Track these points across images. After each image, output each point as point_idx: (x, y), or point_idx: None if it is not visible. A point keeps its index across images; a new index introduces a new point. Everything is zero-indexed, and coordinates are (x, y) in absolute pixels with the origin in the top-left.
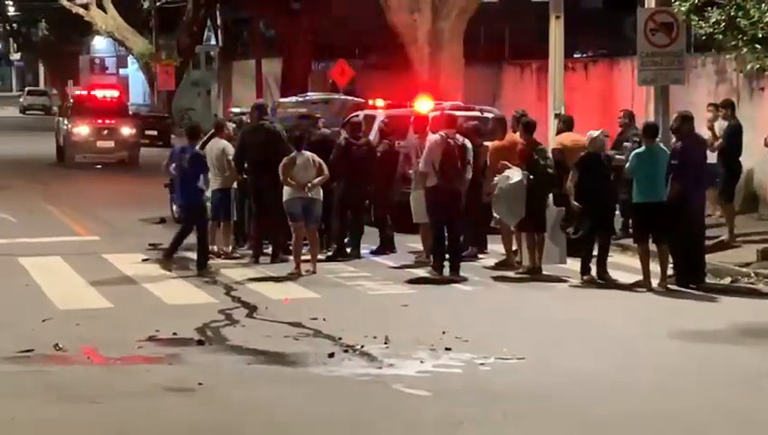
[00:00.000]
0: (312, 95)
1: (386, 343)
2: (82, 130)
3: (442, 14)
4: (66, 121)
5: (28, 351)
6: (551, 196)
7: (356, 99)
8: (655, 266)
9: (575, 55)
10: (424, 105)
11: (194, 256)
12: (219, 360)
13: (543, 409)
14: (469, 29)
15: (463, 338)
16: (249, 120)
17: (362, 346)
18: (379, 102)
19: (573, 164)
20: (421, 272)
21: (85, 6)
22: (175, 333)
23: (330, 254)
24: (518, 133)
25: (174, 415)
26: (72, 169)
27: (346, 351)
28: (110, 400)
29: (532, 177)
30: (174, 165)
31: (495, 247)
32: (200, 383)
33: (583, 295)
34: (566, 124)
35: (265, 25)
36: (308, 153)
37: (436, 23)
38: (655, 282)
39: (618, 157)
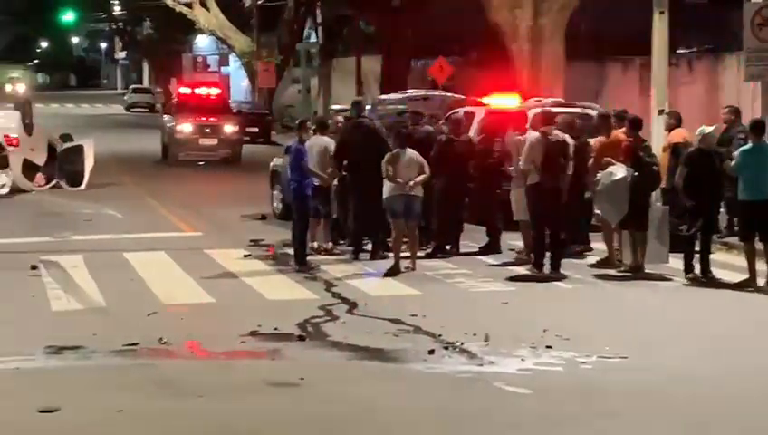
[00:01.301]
0: (411, 92)
1: (486, 341)
2: (186, 127)
3: (543, 10)
4: (170, 119)
5: (134, 344)
6: (654, 193)
7: (455, 95)
8: (761, 265)
9: (679, 51)
10: (504, 102)
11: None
12: (320, 355)
13: (645, 408)
14: (570, 25)
15: (564, 336)
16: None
17: (462, 343)
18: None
19: (682, 160)
20: (521, 270)
21: (189, 5)
22: (276, 329)
23: (429, 251)
24: (621, 130)
25: (275, 410)
26: (175, 166)
27: (446, 348)
28: (212, 394)
29: (636, 174)
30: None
31: (598, 245)
32: (301, 378)
33: (687, 294)
34: (677, 120)
35: (365, 23)
36: (411, 151)
37: (537, 19)
38: (761, 281)
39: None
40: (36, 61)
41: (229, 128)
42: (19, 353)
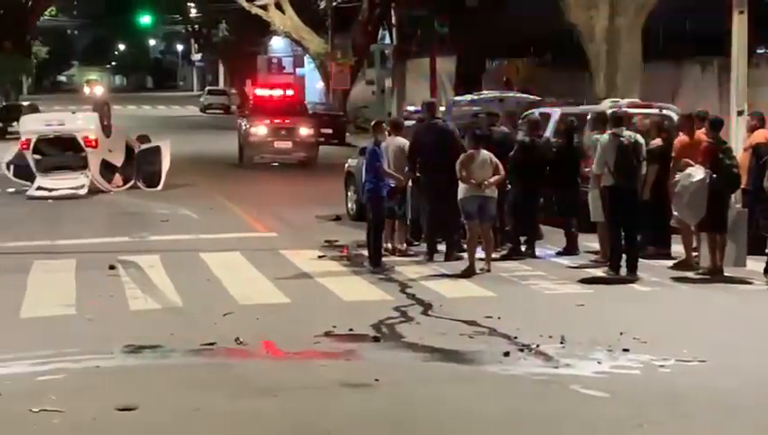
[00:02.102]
0: (486, 93)
1: (562, 343)
2: (260, 130)
3: (620, 11)
4: (245, 121)
5: (211, 344)
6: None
7: (531, 96)
8: None
9: (758, 51)
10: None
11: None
12: (395, 356)
13: (725, 412)
14: (647, 25)
15: (641, 339)
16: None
17: (538, 345)
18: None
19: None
20: (598, 272)
21: (264, 7)
22: (351, 330)
23: (504, 253)
24: (701, 131)
25: (350, 410)
26: (250, 167)
27: (521, 350)
28: (288, 394)
29: (714, 175)
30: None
31: (676, 247)
32: (376, 379)
33: (767, 298)
34: (760, 121)
35: (440, 24)
36: (486, 151)
37: (614, 19)
38: None
39: None
40: (114, 63)
41: (304, 130)
42: (99, 352)
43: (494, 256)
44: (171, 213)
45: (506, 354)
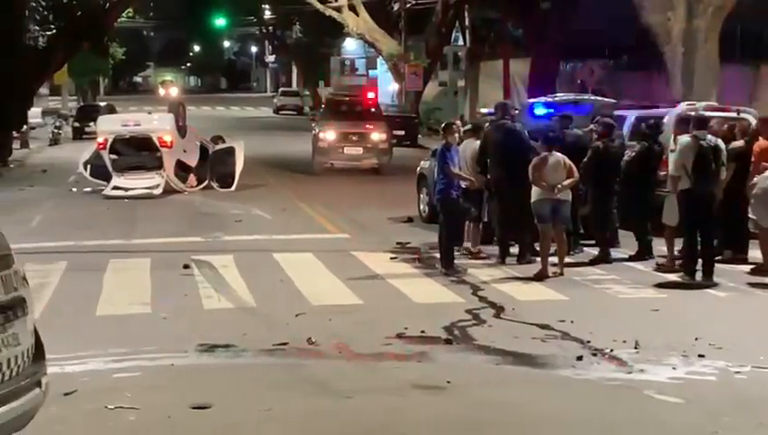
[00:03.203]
0: (560, 96)
1: (636, 348)
2: (329, 135)
3: (697, 13)
4: (315, 125)
5: (283, 344)
6: None
7: (606, 99)
8: None
9: None
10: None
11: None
12: (467, 359)
13: None
14: (724, 27)
15: (717, 345)
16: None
17: (611, 350)
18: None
19: None
20: (672, 276)
21: (338, 9)
22: (423, 332)
23: (593, 259)
24: None
25: (422, 412)
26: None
27: (594, 354)
28: (360, 395)
29: None
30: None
31: (753, 253)
32: (448, 382)
33: None
34: None
35: (513, 25)
36: (559, 154)
37: (691, 21)
38: None
39: None
40: (188, 64)
41: (376, 136)
42: (173, 350)
43: (568, 260)
44: (244, 213)
45: (579, 359)
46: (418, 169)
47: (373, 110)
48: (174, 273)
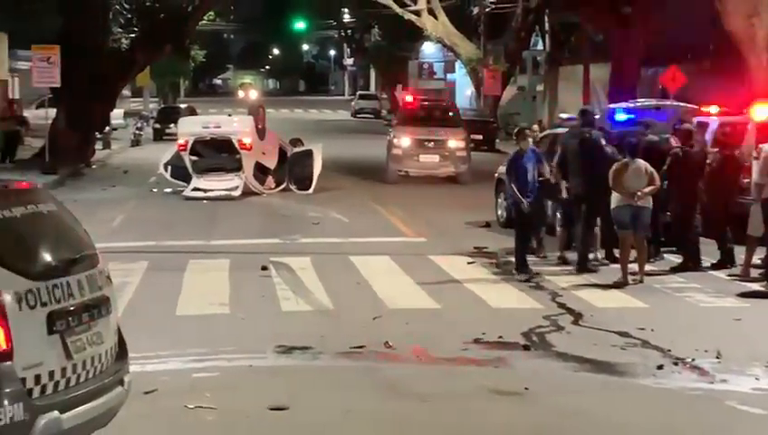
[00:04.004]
0: (642, 101)
1: (718, 358)
2: (404, 142)
3: None
4: (391, 131)
5: (360, 347)
6: None
7: (688, 105)
8: None
9: None
10: (762, 112)
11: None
12: (545, 365)
13: None
14: None
15: None
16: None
17: (693, 359)
18: (713, 109)
19: None
20: (755, 286)
21: (417, 13)
22: (500, 337)
23: (678, 265)
24: None
25: (499, 418)
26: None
27: (675, 363)
28: (437, 399)
29: None
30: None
31: None
32: (526, 388)
33: None
34: None
35: (594, 30)
36: (640, 161)
37: None
38: None
39: None
40: (268, 67)
41: (454, 143)
42: (252, 351)
43: (649, 267)
44: (322, 216)
45: (660, 367)
46: (496, 173)
47: (450, 115)
48: (252, 274)
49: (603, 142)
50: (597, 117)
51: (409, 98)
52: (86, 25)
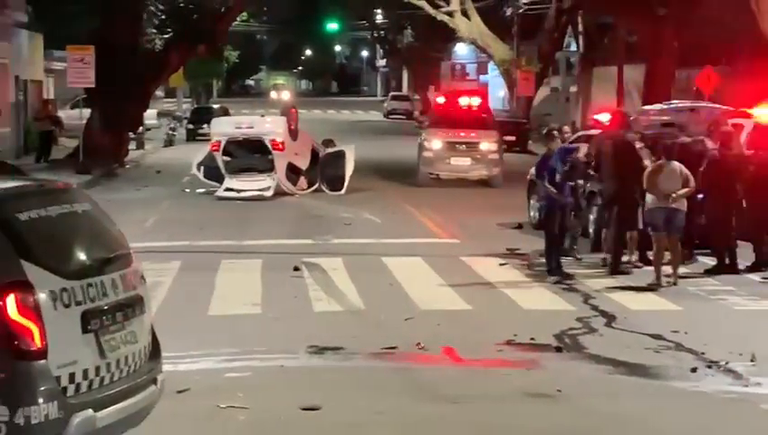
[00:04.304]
0: (676, 103)
1: (752, 361)
2: (435, 144)
3: None
4: (422, 133)
5: (392, 348)
6: None
7: (723, 107)
8: None
9: None
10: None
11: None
12: (578, 368)
13: None
14: None
15: None
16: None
17: (727, 362)
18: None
19: None
20: None
21: (450, 14)
22: (532, 339)
23: (712, 268)
24: None
25: (531, 420)
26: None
27: (709, 366)
28: (469, 401)
29: None
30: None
31: None
32: (558, 390)
33: None
34: None
35: (628, 31)
36: (676, 163)
37: None
38: None
39: None
40: (300, 68)
41: (486, 145)
42: (284, 351)
43: (683, 269)
44: (354, 217)
45: (694, 370)
46: (529, 175)
47: (482, 117)
48: (284, 275)
49: (634, 143)
50: (630, 118)
51: (441, 99)
52: (120, 26)
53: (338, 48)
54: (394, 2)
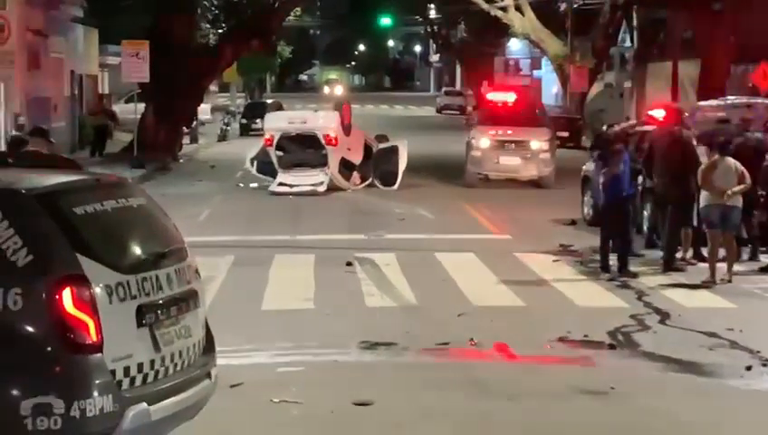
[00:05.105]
0: (732, 99)
1: None
2: (483, 142)
3: None
4: (471, 131)
5: (445, 344)
6: None
7: None
8: None
9: None
10: None
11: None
12: (631, 365)
13: None
14: None
15: None
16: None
17: None
18: None
19: None
20: None
21: (504, 9)
22: (586, 336)
23: (764, 267)
24: None
25: (585, 417)
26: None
27: (765, 365)
28: (523, 397)
29: None
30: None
31: None
32: (612, 387)
33: None
34: None
35: (683, 26)
36: (731, 159)
37: None
38: None
39: None
40: (353, 63)
41: (537, 144)
42: (337, 346)
43: (738, 267)
44: (407, 212)
45: (748, 369)
46: (582, 171)
47: (535, 113)
48: (337, 270)
49: (691, 139)
50: (686, 114)
51: (491, 95)
52: (175, 21)
53: (391, 43)
54: None
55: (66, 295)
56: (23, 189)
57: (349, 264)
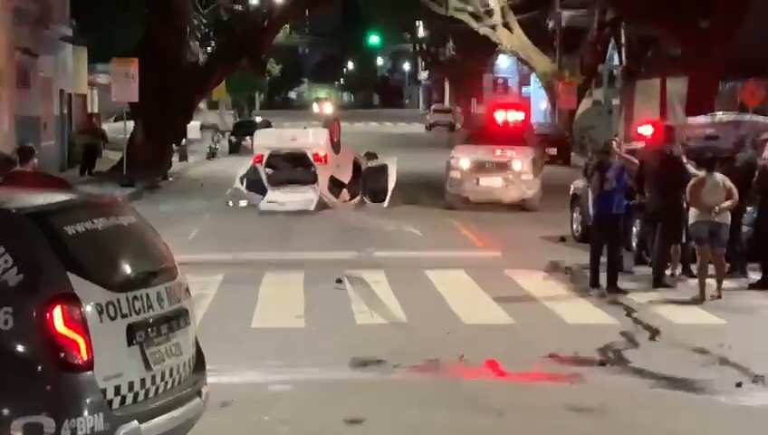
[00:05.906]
0: (720, 115)
1: None
2: (462, 163)
3: None
4: (451, 150)
5: (434, 360)
6: None
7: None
8: None
9: None
10: None
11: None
12: (621, 382)
13: None
14: None
15: None
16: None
17: None
18: None
19: None
20: None
21: (493, 27)
22: (576, 352)
23: (756, 282)
24: None
25: (575, 434)
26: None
27: (755, 381)
28: (513, 414)
29: None
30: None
31: None
32: (602, 404)
33: None
34: None
35: (671, 43)
36: (719, 175)
37: None
38: None
39: None
40: (342, 80)
41: (518, 165)
42: (327, 364)
43: (727, 283)
44: (396, 230)
45: (739, 385)
46: (572, 188)
47: (519, 133)
48: (327, 287)
49: (681, 157)
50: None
51: (481, 111)
52: (164, 40)
53: (380, 61)
54: (436, 15)
55: (57, 314)
56: (13, 209)
57: (338, 281)
